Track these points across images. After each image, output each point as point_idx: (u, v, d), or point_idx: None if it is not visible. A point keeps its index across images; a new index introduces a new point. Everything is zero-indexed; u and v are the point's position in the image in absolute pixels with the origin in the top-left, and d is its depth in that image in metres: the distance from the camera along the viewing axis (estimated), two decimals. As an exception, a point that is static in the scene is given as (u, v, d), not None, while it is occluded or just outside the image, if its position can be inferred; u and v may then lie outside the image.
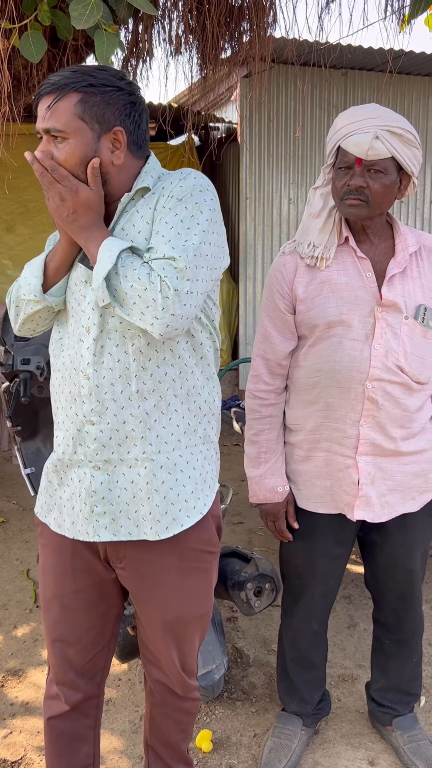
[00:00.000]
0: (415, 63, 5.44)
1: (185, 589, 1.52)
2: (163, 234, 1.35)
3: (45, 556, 1.59)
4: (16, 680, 2.45)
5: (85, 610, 1.56)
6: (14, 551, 3.47)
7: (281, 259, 1.88)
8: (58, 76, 1.36)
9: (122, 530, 1.46)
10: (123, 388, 1.41)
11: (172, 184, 1.40)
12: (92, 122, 1.36)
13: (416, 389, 1.82)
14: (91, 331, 1.41)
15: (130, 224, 1.42)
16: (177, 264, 1.30)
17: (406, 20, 2.99)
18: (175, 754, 1.73)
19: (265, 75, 3.68)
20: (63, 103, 1.35)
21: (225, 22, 2.90)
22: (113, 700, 2.34)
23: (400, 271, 1.79)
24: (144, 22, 2.96)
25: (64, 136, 1.35)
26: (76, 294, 1.46)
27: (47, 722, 1.64)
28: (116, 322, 1.40)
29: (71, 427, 1.47)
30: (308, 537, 1.96)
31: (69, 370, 1.46)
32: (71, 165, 1.37)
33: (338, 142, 1.71)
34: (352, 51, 5.06)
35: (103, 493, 1.45)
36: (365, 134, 1.65)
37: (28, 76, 2.93)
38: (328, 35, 4.61)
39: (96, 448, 1.44)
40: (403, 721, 2.10)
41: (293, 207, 5.82)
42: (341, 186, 1.72)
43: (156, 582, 1.51)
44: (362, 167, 1.68)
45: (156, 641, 1.57)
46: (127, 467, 1.45)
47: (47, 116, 1.35)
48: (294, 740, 2.06)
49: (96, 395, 1.41)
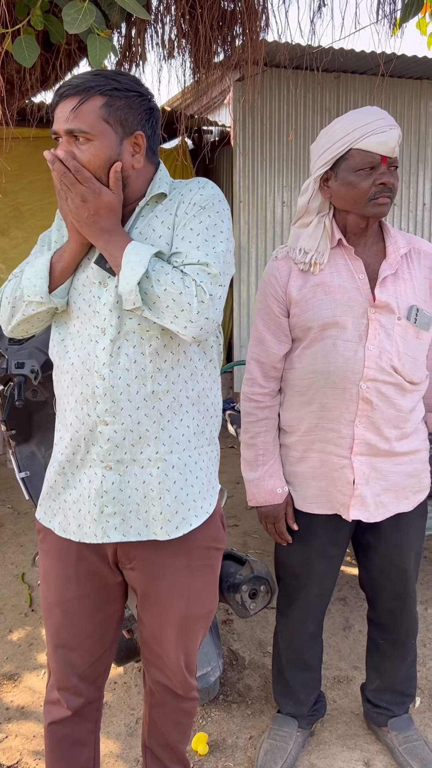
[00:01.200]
0: (407, 66, 5.47)
1: (194, 588, 1.54)
2: (190, 240, 1.38)
3: (47, 562, 1.57)
4: (12, 685, 2.45)
5: (89, 615, 1.56)
6: (9, 555, 3.46)
7: (274, 263, 1.89)
8: (80, 79, 1.37)
9: (132, 530, 1.47)
10: (138, 388, 1.42)
11: (192, 192, 1.43)
12: (116, 125, 1.38)
13: (409, 389, 1.83)
14: (107, 332, 1.41)
15: (149, 228, 1.44)
16: (211, 270, 1.34)
17: (398, 24, 3.00)
18: (174, 756, 1.73)
19: (258, 78, 3.69)
20: (88, 105, 1.35)
21: (217, 26, 2.91)
22: (109, 703, 2.34)
23: (392, 272, 1.80)
24: (137, 26, 2.97)
25: (89, 137, 1.36)
26: (84, 295, 1.45)
27: (48, 727, 1.64)
28: (134, 323, 1.41)
29: (82, 428, 1.46)
30: (304, 538, 1.96)
31: (80, 371, 1.45)
32: (95, 167, 1.37)
33: (352, 144, 1.71)
34: (345, 54, 5.08)
35: (113, 493, 1.45)
36: (388, 132, 1.69)
37: (21, 81, 2.93)
38: (321, 39, 4.64)
39: (109, 449, 1.44)
40: (398, 722, 2.11)
41: (287, 210, 5.83)
42: (368, 186, 1.73)
43: (166, 582, 1.51)
44: (388, 165, 1.72)
45: (164, 641, 1.57)
46: (139, 467, 1.45)
47: (71, 117, 1.35)
48: (290, 742, 2.07)
49: (111, 396, 1.42)
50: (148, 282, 1.33)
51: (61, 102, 1.37)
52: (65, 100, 1.37)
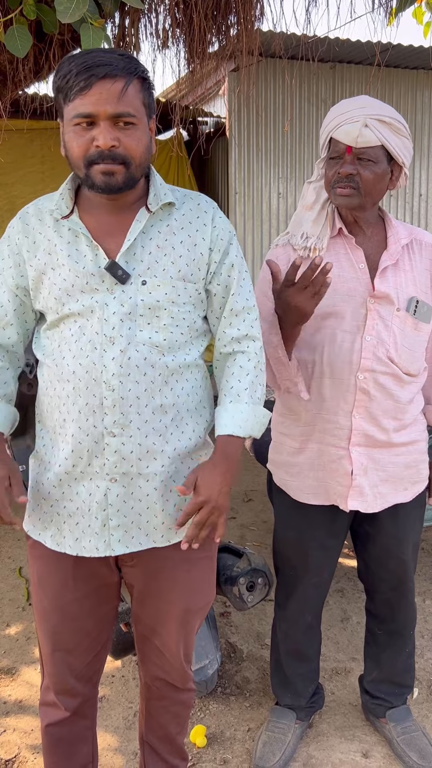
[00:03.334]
0: (403, 56, 5.45)
1: (194, 580, 1.54)
2: (244, 297, 1.51)
3: (41, 567, 1.53)
4: (9, 679, 2.45)
5: (87, 615, 1.54)
6: (6, 549, 3.46)
7: (274, 251, 1.88)
8: (110, 58, 1.29)
9: (133, 541, 1.46)
10: (148, 401, 1.40)
11: (218, 229, 1.48)
12: (148, 109, 1.36)
13: (407, 381, 1.83)
14: (116, 342, 1.38)
15: (168, 245, 1.42)
16: (258, 344, 1.53)
17: (394, 13, 2.98)
18: (172, 749, 1.73)
19: (253, 69, 3.67)
20: (133, 88, 1.31)
21: (212, 15, 2.89)
22: (107, 697, 2.34)
23: (393, 263, 1.79)
24: (131, 15, 2.94)
25: (135, 122, 1.32)
26: (84, 300, 1.39)
27: (46, 729, 1.62)
28: (145, 336, 1.39)
29: (86, 440, 1.41)
30: (301, 529, 1.96)
31: (85, 381, 1.39)
32: (140, 152, 1.34)
33: (330, 133, 1.72)
34: (340, 44, 5.06)
35: (118, 506, 1.43)
36: (355, 123, 1.66)
37: (14, 71, 2.90)
38: (316, 28, 4.61)
39: (115, 461, 1.41)
40: (396, 713, 2.11)
41: (282, 201, 5.81)
42: (332, 175, 1.72)
43: (167, 575, 1.51)
44: (352, 155, 1.68)
45: (164, 635, 1.57)
46: (144, 480, 1.43)
47: (120, 100, 1.29)
48: (288, 734, 2.07)
49: (120, 407, 1.38)
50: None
51: (97, 82, 1.28)
52: (104, 80, 1.28)
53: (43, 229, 1.44)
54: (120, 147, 1.31)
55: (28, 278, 1.45)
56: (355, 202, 1.72)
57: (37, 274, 1.43)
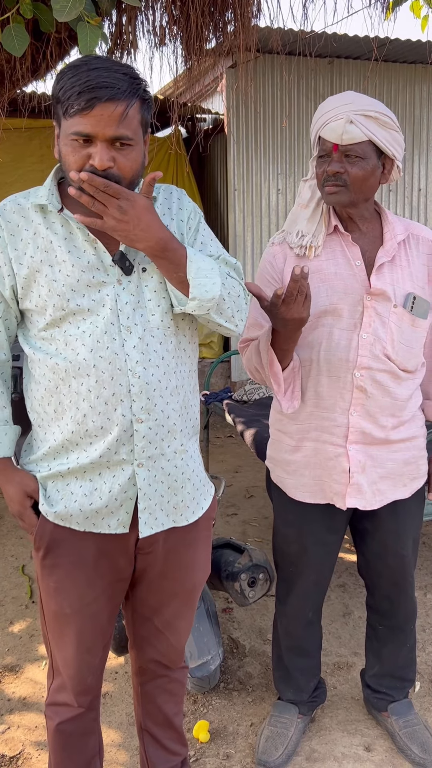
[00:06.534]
0: (401, 50, 5.43)
1: (200, 558, 1.62)
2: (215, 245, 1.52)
3: (60, 574, 1.51)
4: (13, 676, 2.46)
5: (104, 611, 1.56)
6: (9, 547, 3.47)
7: (271, 249, 1.88)
8: (114, 80, 1.29)
9: (157, 522, 1.51)
10: (167, 383, 1.46)
11: (180, 201, 1.52)
12: (145, 129, 1.40)
13: (404, 378, 1.83)
14: (133, 331, 1.42)
15: None
16: (239, 267, 1.52)
17: (391, 7, 2.98)
18: (171, 734, 1.76)
19: (251, 65, 3.66)
20: (133, 111, 1.33)
21: (209, 12, 2.89)
22: (110, 693, 2.35)
23: (389, 259, 1.79)
24: (127, 13, 2.94)
25: (132, 143, 1.35)
26: (92, 295, 1.40)
27: (57, 727, 1.62)
28: (158, 320, 1.44)
29: (115, 429, 1.41)
30: (299, 526, 1.97)
31: (108, 372, 1.40)
32: (133, 172, 1.37)
33: (317, 132, 1.72)
34: (338, 39, 5.05)
35: (145, 490, 1.47)
36: (339, 120, 1.66)
37: (11, 71, 2.90)
38: (313, 24, 4.61)
39: (143, 446, 1.45)
40: (398, 707, 2.12)
41: (281, 197, 5.81)
42: (321, 173, 1.73)
43: (179, 556, 1.57)
44: (339, 153, 1.68)
45: (167, 614, 1.62)
46: (166, 460, 1.49)
47: (120, 124, 1.30)
48: (290, 728, 2.08)
49: (146, 393, 1.43)
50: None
51: (99, 104, 1.29)
52: (105, 102, 1.29)
53: (29, 226, 1.42)
54: (115, 167, 1.33)
55: (16, 276, 1.42)
56: (344, 200, 1.72)
57: (29, 272, 1.41)
